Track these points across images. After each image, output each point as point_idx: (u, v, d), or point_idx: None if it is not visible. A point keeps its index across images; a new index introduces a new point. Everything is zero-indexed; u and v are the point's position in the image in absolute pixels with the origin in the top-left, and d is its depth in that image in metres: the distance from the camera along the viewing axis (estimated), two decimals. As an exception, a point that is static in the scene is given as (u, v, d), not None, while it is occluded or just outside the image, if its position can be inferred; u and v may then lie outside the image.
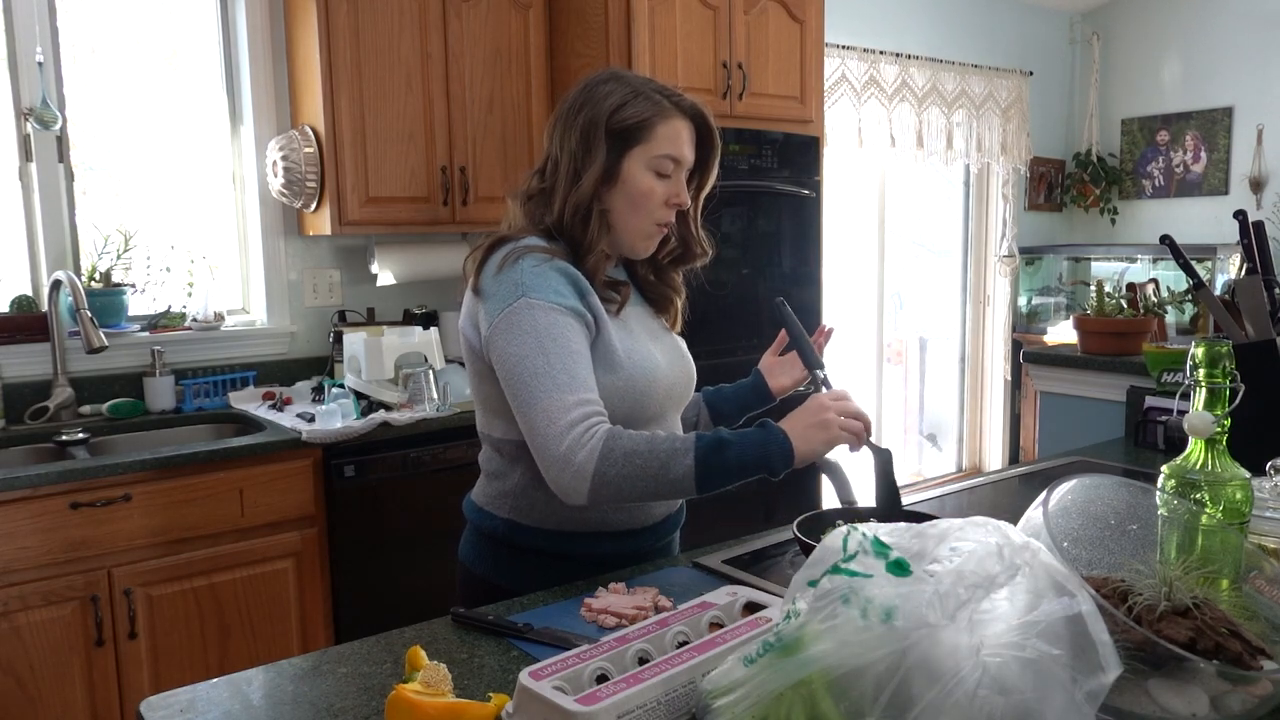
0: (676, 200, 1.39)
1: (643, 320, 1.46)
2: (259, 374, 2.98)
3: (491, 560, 1.46)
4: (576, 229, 1.36)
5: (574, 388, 1.25)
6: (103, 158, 2.83)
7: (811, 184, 3.39)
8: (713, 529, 1.90)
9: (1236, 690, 0.83)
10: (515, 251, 1.33)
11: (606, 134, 1.34)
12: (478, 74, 3.01)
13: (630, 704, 0.83)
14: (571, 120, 1.37)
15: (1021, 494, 1.85)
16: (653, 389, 1.37)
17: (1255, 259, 1.99)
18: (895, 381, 5.20)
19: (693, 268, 1.53)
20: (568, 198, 1.35)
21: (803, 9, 3.32)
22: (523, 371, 1.26)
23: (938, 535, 0.82)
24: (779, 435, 1.25)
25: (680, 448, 1.23)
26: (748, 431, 1.26)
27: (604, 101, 1.35)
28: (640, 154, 1.35)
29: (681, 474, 1.22)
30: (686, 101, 1.39)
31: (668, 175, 1.37)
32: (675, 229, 1.47)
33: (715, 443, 1.23)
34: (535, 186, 1.41)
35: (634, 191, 1.36)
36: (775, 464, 1.25)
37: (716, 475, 1.23)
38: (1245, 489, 1.13)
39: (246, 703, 1.03)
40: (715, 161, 1.45)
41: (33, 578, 2.12)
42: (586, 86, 1.39)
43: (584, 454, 1.21)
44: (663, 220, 1.40)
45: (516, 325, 1.27)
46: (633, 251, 1.43)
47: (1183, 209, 5.21)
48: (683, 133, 1.38)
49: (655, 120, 1.35)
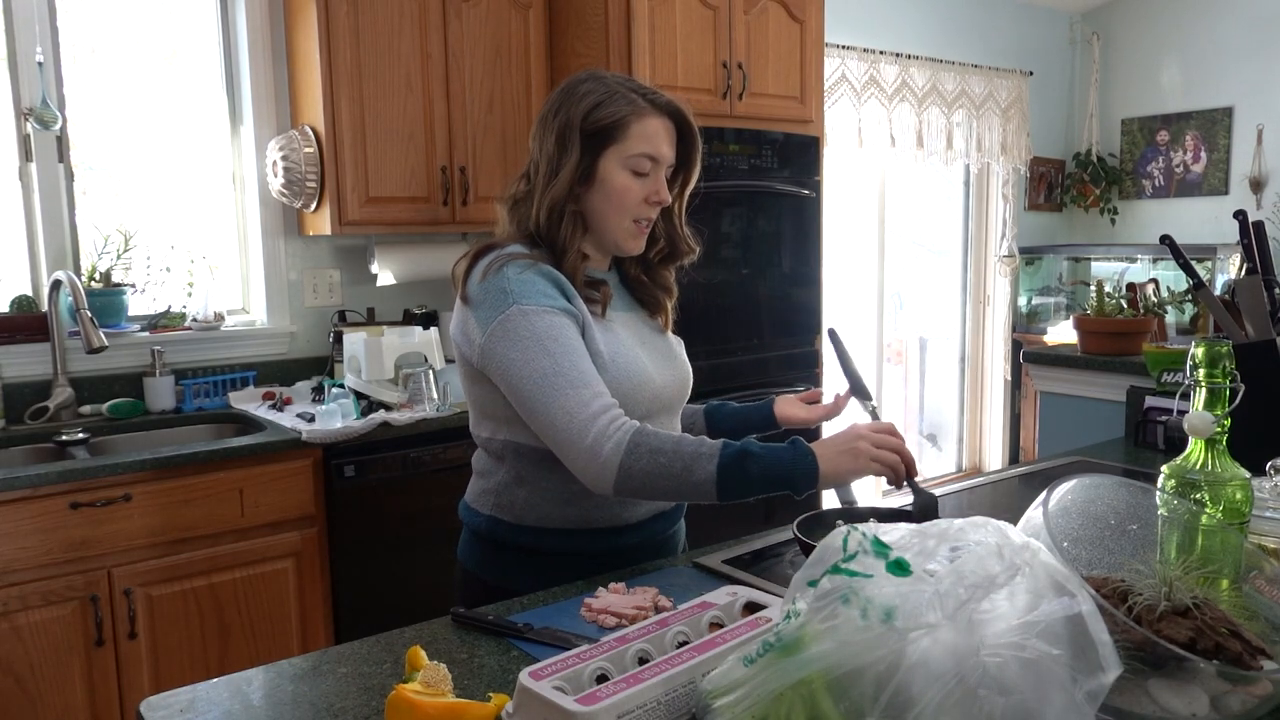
0: (657, 198, 1.39)
1: (633, 325, 1.47)
2: (259, 374, 2.98)
3: (480, 557, 1.48)
4: (552, 230, 1.37)
5: (587, 383, 1.26)
6: (103, 158, 2.83)
7: (811, 184, 3.39)
8: (713, 529, 1.90)
9: (1236, 690, 0.83)
10: (498, 260, 1.34)
11: (581, 135, 1.35)
12: (478, 74, 3.01)
13: (630, 704, 0.83)
14: (549, 123, 1.38)
15: (1021, 494, 1.85)
16: (638, 393, 1.37)
17: (1255, 259, 1.99)
18: (895, 381, 5.20)
19: (683, 265, 1.54)
20: (543, 199, 1.36)
21: (803, 9, 3.32)
22: (531, 375, 1.26)
23: (937, 535, 0.83)
24: (807, 455, 1.24)
25: (706, 452, 1.23)
26: (776, 446, 1.26)
27: (580, 103, 1.36)
28: (615, 153, 1.36)
29: (703, 478, 1.23)
30: (663, 99, 1.40)
31: (645, 174, 1.38)
32: (661, 227, 1.47)
33: (740, 453, 1.23)
34: (520, 191, 1.42)
35: (611, 191, 1.37)
36: (799, 484, 1.24)
37: (738, 485, 1.23)
38: (1245, 489, 1.13)
39: (246, 703, 1.03)
40: (697, 158, 1.45)
41: (33, 578, 2.12)
42: (565, 88, 1.40)
43: (610, 446, 1.23)
44: (643, 217, 1.40)
45: (514, 332, 1.28)
46: (621, 250, 1.43)
47: (1183, 209, 5.21)
48: (660, 131, 1.38)
49: (630, 119, 1.36)
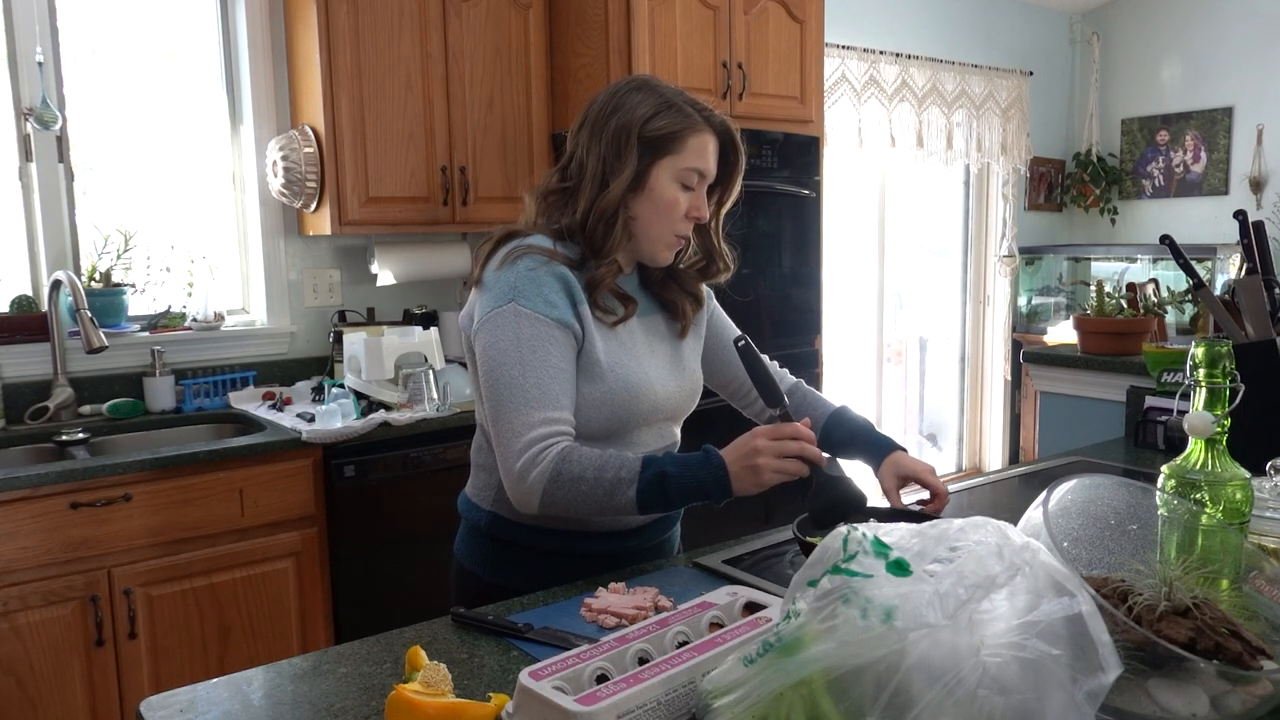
0: (696, 213, 1.40)
1: (648, 329, 1.46)
2: (259, 374, 2.98)
3: (477, 554, 1.48)
4: (599, 233, 1.37)
5: (543, 404, 1.28)
6: (103, 158, 2.83)
7: (811, 184, 3.39)
8: (713, 529, 1.91)
9: (1236, 690, 0.83)
10: (517, 250, 1.35)
11: (639, 142, 1.35)
12: (478, 74, 3.01)
13: (630, 704, 0.83)
14: (602, 125, 1.37)
15: (1021, 494, 1.85)
16: (635, 404, 1.38)
17: (1255, 259, 1.99)
18: (895, 381, 5.20)
19: (719, 284, 1.54)
20: (594, 202, 1.36)
21: (803, 9, 3.32)
22: (499, 378, 1.30)
23: (937, 535, 0.82)
24: (719, 473, 1.26)
25: (626, 478, 1.26)
26: (691, 463, 1.28)
27: (636, 109, 1.36)
28: (669, 164, 1.36)
29: (624, 503, 1.27)
30: (716, 118, 1.41)
31: (691, 188, 1.39)
32: (698, 242, 1.49)
33: (658, 476, 1.26)
34: (555, 184, 1.42)
35: (659, 201, 1.37)
36: (714, 498, 1.28)
37: (658, 505, 1.28)
38: (1245, 489, 1.13)
39: (246, 703, 1.03)
40: (738, 178, 1.46)
41: (33, 578, 2.12)
42: (617, 93, 1.39)
43: (535, 474, 1.27)
44: (682, 232, 1.41)
45: (501, 329, 1.30)
46: (653, 259, 1.44)
47: (1183, 209, 5.21)
48: (709, 146, 1.39)
49: (686, 133, 1.36)
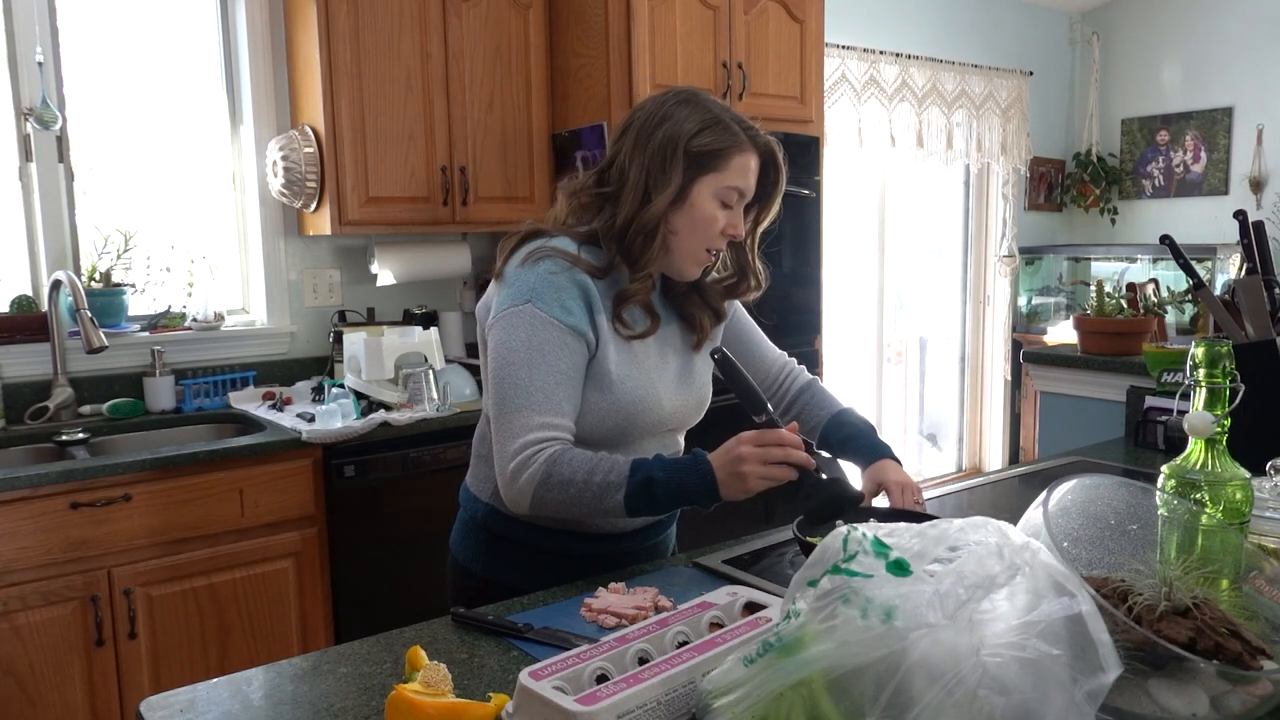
0: (733, 231, 1.39)
1: (662, 339, 1.45)
2: (259, 374, 2.98)
3: (473, 548, 1.48)
4: (637, 245, 1.35)
5: (544, 408, 1.29)
6: (103, 158, 2.83)
7: (812, 184, 3.39)
8: (713, 529, 1.91)
9: (1236, 690, 0.83)
10: (541, 251, 1.34)
11: (685, 155, 1.34)
12: (478, 74, 3.01)
13: (630, 704, 0.83)
14: (648, 135, 1.36)
15: (1021, 494, 1.85)
16: (641, 416, 1.38)
17: (1255, 259, 1.99)
18: (895, 381, 5.20)
19: (746, 300, 1.53)
20: (636, 214, 1.35)
21: (803, 9, 3.32)
22: (505, 377, 1.30)
23: (937, 535, 0.82)
24: (706, 480, 1.26)
25: (614, 482, 1.26)
26: (680, 468, 1.27)
27: (684, 123, 1.34)
28: (711, 181, 1.35)
29: (613, 506, 1.27)
30: (761, 138, 1.40)
31: (730, 206, 1.38)
32: (733, 259, 1.49)
33: (646, 481, 1.26)
34: (592, 186, 1.40)
35: (698, 217, 1.36)
36: (702, 504, 1.28)
37: (645, 508, 1.28)
38: (1245, 489, 1.13)
39: (246, 703, 1.03)
40: (777, 197, 1.45)
41: (33, 578, 2.12)
42: (665, 103, 1.37)
43: (526, 477, 1.28)
44: (715, 249, 1.41)
45: (515, 329, 1.30)
46: (681, 274, 1.43)
47: (1183, 209, 5.21)
48: (751, 165, 1.38)
49: (732, 150, 1.35)
